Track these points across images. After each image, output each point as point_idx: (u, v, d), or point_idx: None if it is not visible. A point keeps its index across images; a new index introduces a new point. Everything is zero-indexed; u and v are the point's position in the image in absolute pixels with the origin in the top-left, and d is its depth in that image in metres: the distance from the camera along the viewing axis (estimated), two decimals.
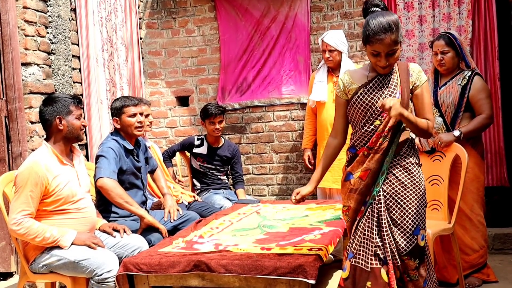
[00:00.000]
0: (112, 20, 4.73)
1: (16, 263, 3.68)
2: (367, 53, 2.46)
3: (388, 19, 2.37)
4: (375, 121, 2.47)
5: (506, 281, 3.69)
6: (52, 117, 2.83)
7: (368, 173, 2.47)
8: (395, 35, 2.36)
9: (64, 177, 2.81)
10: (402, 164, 2.49)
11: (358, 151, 2.53)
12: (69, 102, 2.87)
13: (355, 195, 2.50)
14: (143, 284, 2.65)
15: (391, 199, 2.46)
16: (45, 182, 2.72)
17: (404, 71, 2.51)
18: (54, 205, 2.78)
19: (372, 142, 2.46)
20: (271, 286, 2.46)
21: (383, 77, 2.50)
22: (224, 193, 4.55)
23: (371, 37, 2.37)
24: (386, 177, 2.48)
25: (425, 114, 2.50)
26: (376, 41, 2.35)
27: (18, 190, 2.71)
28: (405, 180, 2.47)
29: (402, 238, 2.45)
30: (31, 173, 2.70)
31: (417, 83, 2.51)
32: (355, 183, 2.50)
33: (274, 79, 5.12)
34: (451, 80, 3.69)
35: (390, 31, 2.35)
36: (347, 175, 2.56)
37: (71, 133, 2.86)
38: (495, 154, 4.44)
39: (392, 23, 2.36)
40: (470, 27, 4.41)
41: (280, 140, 5.18)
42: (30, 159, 2.77)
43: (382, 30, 2.34)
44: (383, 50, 2.37)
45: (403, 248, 2.45)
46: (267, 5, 5.07)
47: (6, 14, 3.58)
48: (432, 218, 3.47)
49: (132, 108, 3.43)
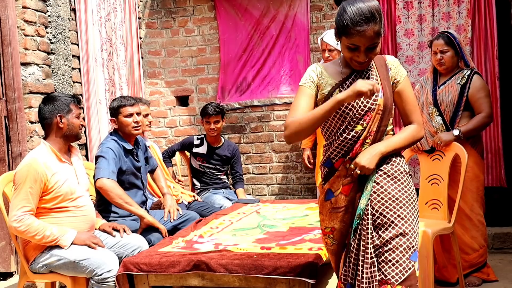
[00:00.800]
0: (111, 20, 4.73)
1: (16, 263, 3.68)
2: (342, 46, 2.06)
3: (370, 5, 1.97)
4: (356, 126, 2.09)
5: (506, 280, 3.69)
6: (52, 115, 2.84)
7: (351, 187, 2.10)
8: (378, 26, 1.96)
9: (62, 174, 2.81)
10: (390, 173, 2.10)
11: (336, 164, 2.13)
12: (70, 101, 2.90)
13: (339, 214, 2.12)
14: (143, 284, 2.65)
15: (382, 218, 2.06)
16: (44, 178, 2.72)
17: (382, 65, 2.15)
18: (53, 202, 2.79)
19: (355, 151, 2.09)
20: (271, 286, 2.46)
21: (360, 74, 2.12)
22: (224, 193, 4.55)
23: (349, 28, 1.96)
24: (373, 191, 2.08)
25: (411, 115, 2.17)
26: (356, 33, 1.95)
27: (18, 187, 2.72)
28: (396, 193, 2.08)
29: (396, 264, 2.04)
30: (30, 170, 2.71)
31: (397, 78, 2.15)
32: (337, 200, 2.12)
33: (274, 78, 5.12)
34: (450, 79, 3.69)
35: (373, 21, 1.95)
36: (327, 194, 2.15)
37: (70, 131, 2.88)
38: (494, 154, 4.42)
39: (374, 10, 1.96)
40: (470, 26, 4.40)
41: (280, 140, 5.18)
42: (29, 157, 2.78)
43: (364, 20, 1.94)
44: (363, 44, 1.97)
45: (396, 277, 2.03)
46: (266, 4, 5.07)
47: (6, 14, 3.57)
48: (432, 217, 3.47)
49: (129, 108, 3.43)
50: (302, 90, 2.15)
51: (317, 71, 2.16)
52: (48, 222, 2.77)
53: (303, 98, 2.13)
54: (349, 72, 2.13)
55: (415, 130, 2.16)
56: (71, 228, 2.83)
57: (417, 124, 2.18)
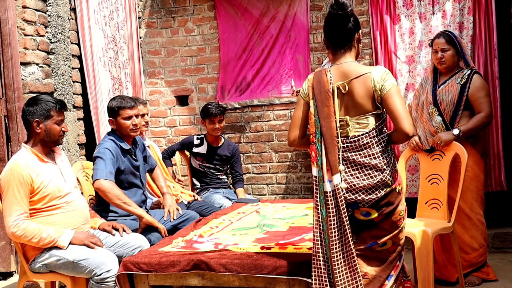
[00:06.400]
0: (114, 19, 4.73)
1: (16, 262, 3.68)
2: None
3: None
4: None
5: (506, 280, 3.69)
6: (31, 118, 2.83)
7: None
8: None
9: (47, 174, 2.81)
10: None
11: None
12: (51, 106, 2.85)
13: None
14: (143, 284, 2.65)
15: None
16: (29, 180, 2.73)
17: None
18: (42, 202, 2.79)
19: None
20: (271, 285, 2.46)
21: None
22: (224, 192, 4.55)
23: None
24: None
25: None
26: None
27: (5, 193, 2.72)
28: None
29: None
30: (13, 173, 2.71)
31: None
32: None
33: (274, 78, 5.12)
34: (450, 78, 3.69)
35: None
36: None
37: (48, 137, 2.86)
38: (493, 156, 4.26)
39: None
40: (471, 23, 4.37)
41: (279, 139, 5.18)
42: (11, 162, 2.79)
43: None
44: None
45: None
46: (266, 4, 5.07)
47: (6, 14, 3.57)
48: (432, 217, 3.48)
49: (128, 111, 3.42)
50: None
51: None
52: (41, 222, 2.77)
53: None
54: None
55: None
56: (66, 224, 2.84)
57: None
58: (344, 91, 2.31)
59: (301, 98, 2.46)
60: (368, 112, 2.31)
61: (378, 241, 2.34)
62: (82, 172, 3.57)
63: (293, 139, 2.48)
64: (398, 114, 2.26)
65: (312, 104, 2.35)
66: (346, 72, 2.33)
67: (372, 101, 2.30)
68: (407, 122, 2.26)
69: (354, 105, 2.32)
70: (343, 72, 2.34)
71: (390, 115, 2.30)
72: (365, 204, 2.29)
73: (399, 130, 2.28)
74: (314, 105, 2.35)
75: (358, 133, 2.31)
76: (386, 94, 2.27)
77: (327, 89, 2.31)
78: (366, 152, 2.30)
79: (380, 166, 2.29)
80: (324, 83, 2.33)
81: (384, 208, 2.31)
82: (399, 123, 2.26)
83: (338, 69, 2.36)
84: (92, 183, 3.27)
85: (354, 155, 2.30)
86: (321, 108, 2.31)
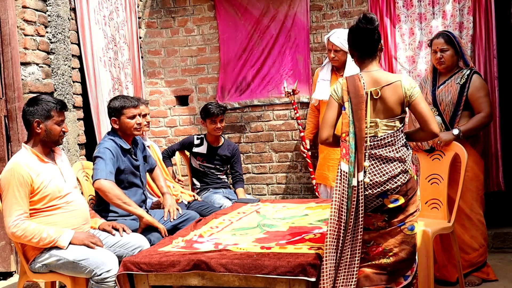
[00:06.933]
0: (114, 19, 4.73)
1: (16, 262, 3.68)
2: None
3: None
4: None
5: (506, 280, 3.69)
6: (32, 118, 2.83)
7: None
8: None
9: (47, 174, 2.81)
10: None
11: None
12: (51, 106, 2.85)
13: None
14: (143, 284, 2.65)
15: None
16: (29, 180, 2.73)
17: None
18: (42, 202, 2.79)
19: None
20: (271, 285, 2.46)
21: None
22: (224, 192, 4.55)
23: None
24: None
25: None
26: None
27: (5, 193, 2.72)
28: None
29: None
30: (13, 174, 2.71)
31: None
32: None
33: (274, 78, 5.12)
34: (449, 78, 3.69)
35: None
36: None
37: (48, 137, 2.85)
38: (491, 156, 4.25)
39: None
40: (471, 23, 4.37)
41: (279, 139, 5.18)
42: (11, 162, 2.79)
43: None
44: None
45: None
46: (266, 4, 5.07)
47: (6, 14, 3.57)
48: (432, 217, 3.48)
49: (132, 110, 3.42)
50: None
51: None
52: (41, 222, 2.77)
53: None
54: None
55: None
56: (66, 224, 2.84)
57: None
58: (376, 96, 2.58)
59: (333, 100, 2.68)
60: (396, 115, 2.60)
61: (405, 221, 2.62)
62: (82, 172, 3.57)
63: (326, 138, 2.70)
64: (427, 118, 2.59)
65: (348, 106, 2.61)
66: (377, 79, 2.60)
67: (401, 106, 2.60)
68: (434, 124, 2.61)
69: (385, 109, 2.59)
70: (374, 79, 2.61)
71: (418, 118, 2.63)
72: (393, 191, 2.57)
73: (427, 131, 2.62)
74: (350, 107, 2.60)
75: (385, 133, 2.59)
76: (415, 101, 2.58)
77: (361, 94, 2.58)
78: (391, 148, 2.58)
79: (403, 157, 2.59)
80: (359, 88, 2.59)
81: (409, 192, 2.61)
82: (428, 125, 2.60)
83: (369, 76, 2.62)
84: (92, 183, 3.27)
85: (381, 151, 2.58)
86: (355, 111, 2.57)
